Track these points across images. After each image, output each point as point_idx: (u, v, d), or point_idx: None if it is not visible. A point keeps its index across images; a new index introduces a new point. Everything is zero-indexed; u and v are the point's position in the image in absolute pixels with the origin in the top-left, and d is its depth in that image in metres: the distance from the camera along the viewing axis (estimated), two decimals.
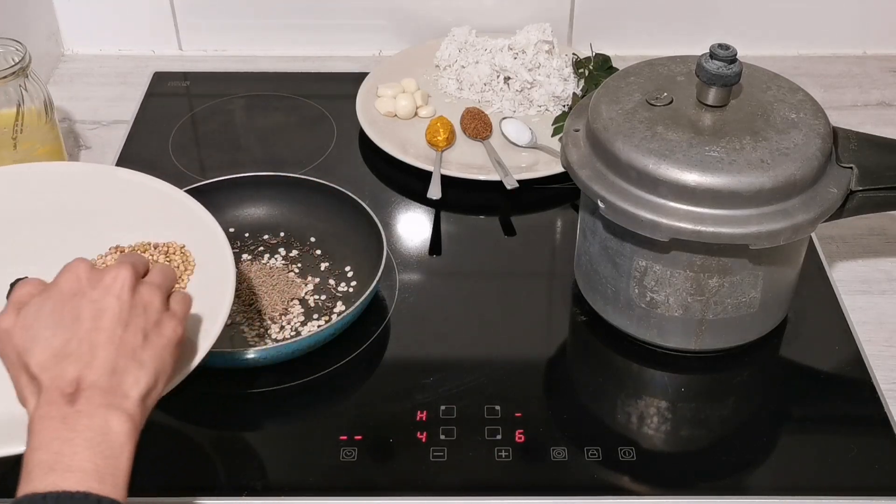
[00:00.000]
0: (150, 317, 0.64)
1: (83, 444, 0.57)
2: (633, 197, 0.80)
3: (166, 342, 0.64)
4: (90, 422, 0.58)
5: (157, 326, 0.64)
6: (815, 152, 0.80)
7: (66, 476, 0.55)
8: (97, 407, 0.58)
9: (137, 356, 0.62)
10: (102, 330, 0.61)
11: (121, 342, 0.61)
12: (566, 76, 1.20)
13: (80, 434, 0.57)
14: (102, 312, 0.62)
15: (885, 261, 1.02)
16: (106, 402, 0.59)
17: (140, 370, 0.61)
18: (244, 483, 0.79)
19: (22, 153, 1.00)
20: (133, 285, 0.64)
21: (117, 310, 0.62)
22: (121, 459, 0.58)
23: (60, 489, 0.54)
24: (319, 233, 1.00)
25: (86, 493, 0.55)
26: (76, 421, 0.58)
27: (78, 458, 0.56)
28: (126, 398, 0.60)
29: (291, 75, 1.30)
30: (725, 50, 0.80)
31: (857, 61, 1.34)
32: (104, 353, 0.60)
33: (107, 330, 0.61)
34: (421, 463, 0.80)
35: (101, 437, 0.57)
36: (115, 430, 0.58)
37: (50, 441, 0.57)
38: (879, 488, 0.79)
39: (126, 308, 0.62)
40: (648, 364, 0.90)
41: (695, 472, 0.80)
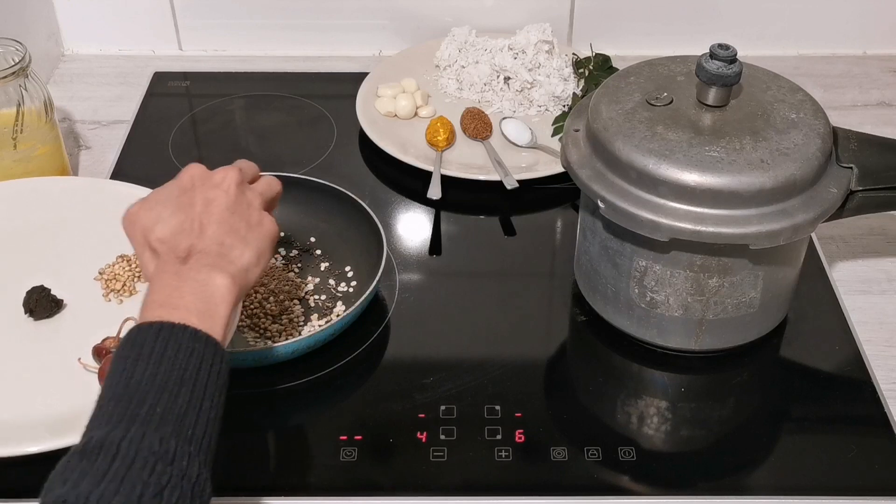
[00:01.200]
0: (252, 212, 0.72)
1: (189, 291, 0.65)
2: (633, 197, 0.80)
3: (266, 232, 0.72)
4: (197, 275, 0.66)
5: (259, 221, 0.73)
6: (815, 152, 0.80)
7: (172, 312, 0.64)
8: (203, 266, 0.67)
9: (242, 235, 0.70)
10: (212, 214, 0.70)
11: (228, 224, 0.70)
12: (566, 76, 1.20)
13: (187, 283, 0.66)
14: (212, 201, 0.71)
15: (885, 261, 1.02)
16: (211, 263, 0.67)
17: (244, 246, 0.70)
18: (244, 483, 0.79)
19: (22, 153, 1.00)
20: (239, 184, 0.73)
21: (224, 200, 0.71)
22: (220, 308, 0.66)
23: (166, 320, 0.63)
24: (319, 233, 1.00)
25: (185, 325, 0.63)
26: (186, 274, 0.66)
27: (184, 300, 0.65)
28: (230, 264, 0.68)
29: (291, 75, 1.30)
30: (725, 50, 0.80)
31: (857, 61, 1.34)
32: (213, 230, 0.69)
33: (216, 214, 0.70)
34: (421, 463, 0.80)
35: (204, 287, 0.66)
36: (217, 284, 0.66)
37: (162, 287, 0.66)
38: (879, 488, 0.79)
39: (232, 200, 0.71)
40: (648, 364, 0.90)
41: (695, 472, 0.80)
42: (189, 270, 0.67)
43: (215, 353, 0.63)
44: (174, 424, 0.59)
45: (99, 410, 0.60)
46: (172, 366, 0.61)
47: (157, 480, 0.56)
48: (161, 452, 0.57)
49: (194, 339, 0.63)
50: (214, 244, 0.69)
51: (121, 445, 0.56)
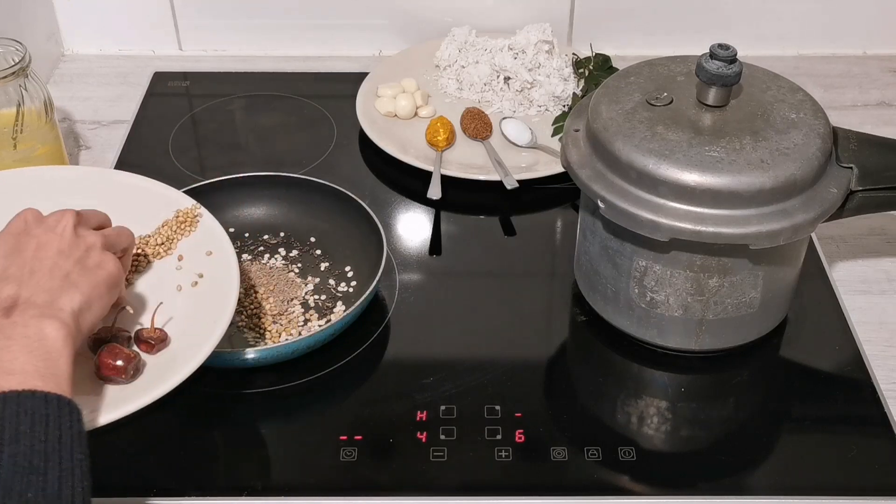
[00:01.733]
0: (91, 254, 0.69)
1: (20, 349, 0.60)
2: (633, 197, 0.80)
3: (104, 275, 0.69)
4: (25, 330, 0.61)
5: (97, 263, 0.69)
6: (815, 152, 0.80)
7: (9, 378, 0.58)
8: (31, 318, 0.62)
9: (72, 279, 0.67)
10: (41, 259, 0.67)
11: (57, 268, 0.67)
12: (566, 76, 1.20)
13: (16, 341, 0.60)
14: (43, 245, 0.68)
15: (885, 261, 1.02)
16: (39, 314, 0.63)
17: (74, 290, 0.66)
18: (244, 483, 0.79)
19: (22, 153, 1.00)
20: (75, 227, 0.70)
21: (56, 243, 0.68)
22: (60, 363, 0.61)
23: (6, 389, 0.57)
24: (319, 233, 1.00)
25: (31, 391, 0.57)
26: (12, 330, 0.61)
27: (18, 362, 0.59)
28: (60, 310, 0.64)
29: (291, 75, 1.30)
30: (725, 50, 0.80)
31: (857, 61, 1.34)
32: (40, 276, 0.66)
33: (45, 259, 0.67)
34: (421, 463, 0.80)
35: (36, 342, 0.61)
36: (50, 336, 0.61)
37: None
38: (879, 488, 0.79)
39: (66, 243, 0.69)
40: (648, 364, 0.90)
41: (695, 472, 0.80)
42: (14, 325, 0.61)
43: (70, 413, 0.58)
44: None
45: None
46: (31, 442, 0.55)
47: None
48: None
49: (45, 404, 0.57)
50: (41, 291, 0.64)
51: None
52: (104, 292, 0.69)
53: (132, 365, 0.73)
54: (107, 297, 0.69)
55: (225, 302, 0.78)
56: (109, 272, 0.70)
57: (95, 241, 0.71)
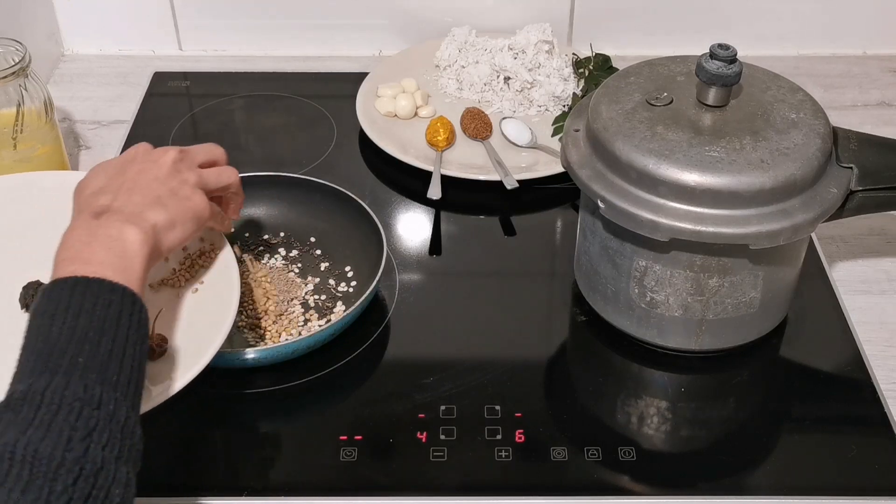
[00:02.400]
0: (183, 187, 0.75)
1: (100, 245, 0.66)
2: (633, 197, 0.80)
3: (191, 206, 0.74)
4: (108, 230, 0.67)
5: (187, 196, 0.75)
6: (815, 152, 0.80)
7: (85, 267, 0.64)
8: (115, 221, 0.68)
9: (162, 201, 0.72)
10: (138, 181, 0.73)
11: (149, 189, 0.72)
12: (566, 76, 1.20)
13: (98, 239, 0.66)
14: (143, 171, 0.74)
15: (885, 261, 1.02)
16: (124, 219, 0.68)
17: (161, 209, 0.71)
18: (244, 483, 0.79)
19: (22, 153, 1.00)
20: (176, 161, 0.76)
21: (155, 171, 0.74)
22: (134, 262, 0.66)
23: (80, 275, 0.63)
24: (319, 233, 1.00)
25: (100, 279, 0.63)
26: (96, 229, 0.67)
27: (96, 255, 0.65)
28: (143, 220, 0.69)
29: (291, 75, 1.30)
30: (725, 50, 0.80)
31: (857, 61, 1.34)
32: (133, 193, 0.71)
33: (141, 181, 0.73)
34: (421, 463, 0.80)
35: (116, 241, 0.66)
36: (129, 239, 0.67)
37: (73, 243, 0.66)
38: (879, 488, 0.79)
39: (163, 173, 0.75)
40: (648, 364, 0.90)
41: (695, 472, 0.80)
42: (99, 227, 0.67)
43: (133, 302, 0.63)
44: (98, 372, 0.59)
45: (20, 366, 0.60)
46: (91, 317, 0.61)
47: (84, 424, 0.56)
48: (87, 398, 0.57)
49: (111, 291, 0.63)
50: (130, 204, 0.70)
51: (45, 394, 0.56)
52: (188, 219, 0.74)
53: None
54: (190, 224, 0.74)
55: (225, 310, 0.78)
56: (196, 205, 0.75)
57: (189, 177, 0.76)
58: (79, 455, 0.54)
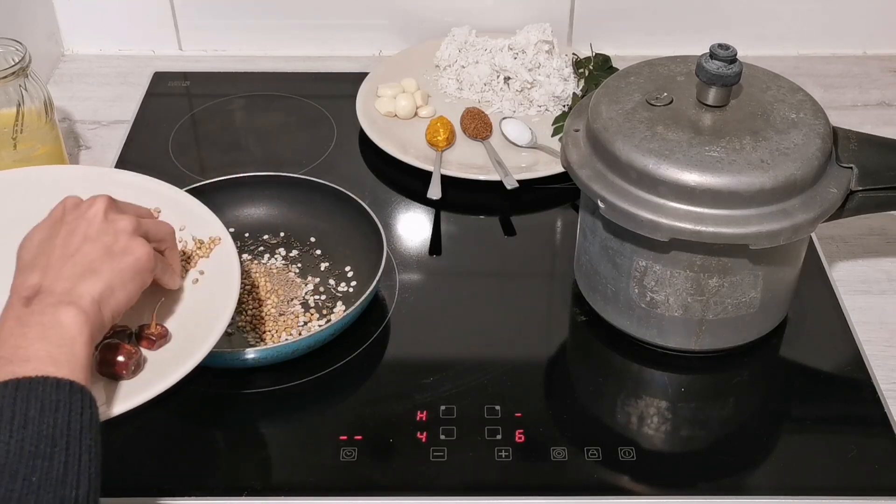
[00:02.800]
0: (118, 239, 0.70)
1: (35, 337, 0.61)
2: (633, 197, 0.80)
3: (131, 261, 0.69)
4: (41, 318, 0.62)
5: (124, 248, 0.69)
6: (815, 152, 0.80)
7: (24, 365, 0.59)
8: (48, 305, 0.63)
9: (94, 266, 0.67)
10: (67, 246, 0.68)
11: (80, 254, 0.67)
12: (566, 76, 1.20)
13: (32, 329, 0.61)
14: (72, 231, 0.69)
15: (885, 261, 1.02)
16: (56, 301, 0.64)
17: (94, 276, 0.66)
18: (244, 483, 0.79)
19: (22, 153, 1.00)
20: (106, 211, 0.71)
21: (84, 229, 0.69)
22: (75, 348, 0.61)
23: (19, 376, 0.58)
24: (319, 233, 1.00)
25: (43, 377, 0.58)
26: (29, 318, 0.62)
27: (32, 349, 0.60)
28: (79, 297, 0.65)
29: (291, 75, 1.30)
30: (725, 50, 0.80)
31: (857, 61, 1.34)
32: (63, 264, 0.67)
33: (71, 245, 0.68)
34: (421, 463, 0.80)
35: (52, 329, 0.62)
36: (65, 323, 0.62)
37: (7, 338, 0.61)
38: (879, 488, 0.79)
39: (94, 229, 0.69)
40: (648, 364, 0.90)
41: (695, 472, 0.80)
42: (32, 314, 0.63)
43: (82, 399, 0.59)
44: (55, 491, 0.55)
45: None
46: (39, 427, 0.56)
47: None
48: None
49: (56, 390, 0.58)
50: (62, 279, 0.65)
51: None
52: (129, 278, 0.69)
53: (133, 361, 0.73)
54: (132, 283, 0.69)
55: (226, 299, 0.78)
56: (137, 257, 0.70)
57: (126, 226, 0.71)
58: None
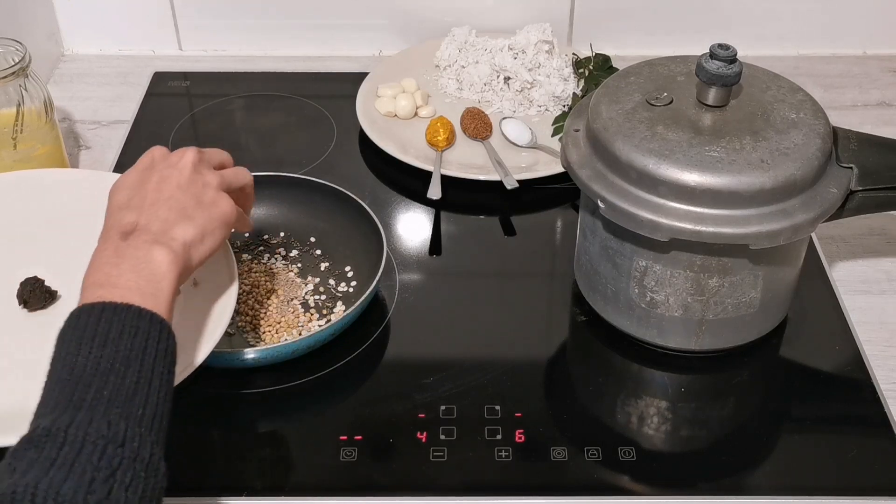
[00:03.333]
0: (207, 191, 0.73)
1: (128, 268, 0.64)
2: (633, 197, 0.80)
3: (218, 213, 0.73)
4: (136, 252, 0.66)
5: (212, 200, 0.73)
6: (815, 152, 0.80)
7: (112, 291, 0.63)
8: (143, 242, 0.67)
9: (188, 213, 0.70)
10: (162, 191, 0.71)
11: (174, 200, 0.70)
12: (566, 76, 1.20)
13: (126, 261, 0.65)
14: (165, 179, 0.72)
15: (885, 261, 1.02)
16: (152, 239, 0.67)
17: (188, 223, 0.70)
18: (244, 483, 0.79)
19: (22, 153, 1.00)
20: (195, 163, 0.74)
21: (177, 178, 0.72)
22: (162, 284, 0.65)
23: (106, 300, 0.62)
24: (319, 233, 1.00)
25: (128, 305, 0.62)
26: (124, 252, 0.66)
27: (123, 278, 0.64)
28: (172, 239, 0.68)
29: (291, 75, 1.30)
30: (725, 50, 0.80)
31: (857, 61, 1.34)
32: (158, 206, 0.70)
33: (165, 191, 0.71)
34: (421, 463, 0.80)
35: (144, 264, 0.65)
36: (156, 260, 0.65)
37: (101, 266, 0.65)
38: (879, 488, 0.79)
39: (185, 179, 0.72)
40: (648, 364, 0.90)
41: (695, 472, 0.80)
42: (128, 248, 0.66)
43: (161, 330, 0.62)
44: (122, 406, 0.57)
45: (45, 398, 0.58)
46: (117, 347, 0.59)
47: (107, 464, 0.54)
48: (110, 436, 0.55)
49: (138, 317, 0.61)
50: (157, 221, 0.69)
51: (68, 432, 0.55)
52: (217, 227, 0.72)
53: None
54: (219, 232, 0.72)
55: (225, 301, 0.78)
56: (223, 210, 0.73)
57: (212, 180, 0.74)
58: (101, 497, 0.53)
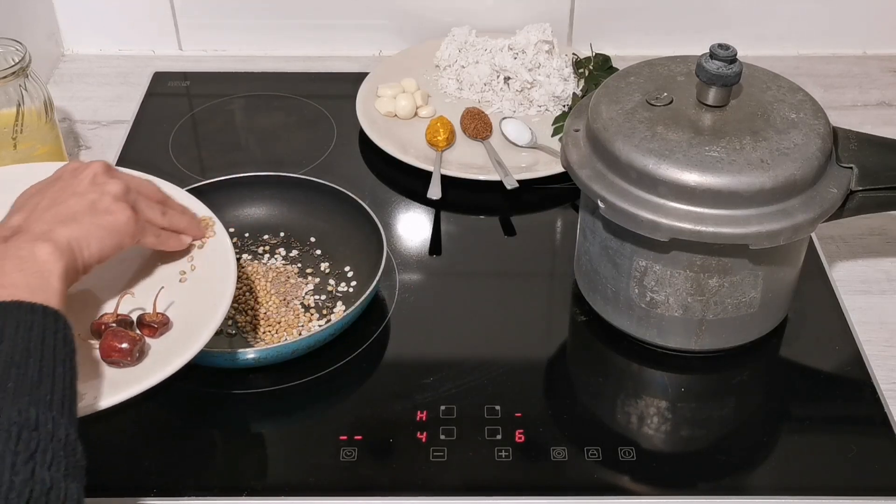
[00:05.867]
0: (103, 199, 0.73)
1: (12, 268, 0.64)
2: (633, 197, 0.80)
3: (111, 221, 0.72)
4: (17, 252, 0.66)
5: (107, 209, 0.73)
6: (815, 152, 0.80)
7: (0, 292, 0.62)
8: (25, 241, 0.67)
9: (76, 217, 0.70)
10: (55, 199, 0.71)
11: (65, 206, 0.71)
12: (566, 76, 1.20)
13: (9, 261, 0.64)
14: (63, 188, 0.73)
15: (885, 261, 1.02)
16: (33, 238, 0.67)
17: (73, 224, 0.70)
18: (244, 483, 0.79)
19: (22, 153, 1.00)
20: (100, 174, 0.74)
21: (74, 186, 0.73)
22: (50, 279, 0.64)
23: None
24: (319, 233, 1.00)
25: (18, 302, 0.61)
26: (5, 252, 0.65)
27: (8, 279, 0.63)
28: (55, 236, 0.68)
29: (291, 75, 1.30)
30: (725, 50, 0.80)
31: (857, 61, 1.34)
32: (47, 211, 0.70)
33: (59, 199, 0.71)
34: (421, 463, 0.80)
35: (27, 261, 0.65)
36: (40, 257, 0.65)
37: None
38: (879, 488, 0.79)
39: (83, 186, 0.73)
40: (648, 364, 0.90)
41: (695, 472, 0.80)
42: (9, 249, 0.66)
43: (56, 320, 0.62)
44: (29, 394, 0.57)
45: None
46: (14, 342, 0.59)
47: (25, 446, 0.54)
48: (22, 421, 0.55)
49: (31, 312, 0.61)
50: (41, 223, 0.69)
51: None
52: (105, 234, 0.72)
53: (137, 347, 0.74)
54: (108, 239, 0.72)
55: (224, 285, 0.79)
56: (116, 219, 0.73)
57: (113, 189, 0.74)
58: (26, 477, 0.53)
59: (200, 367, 0.84)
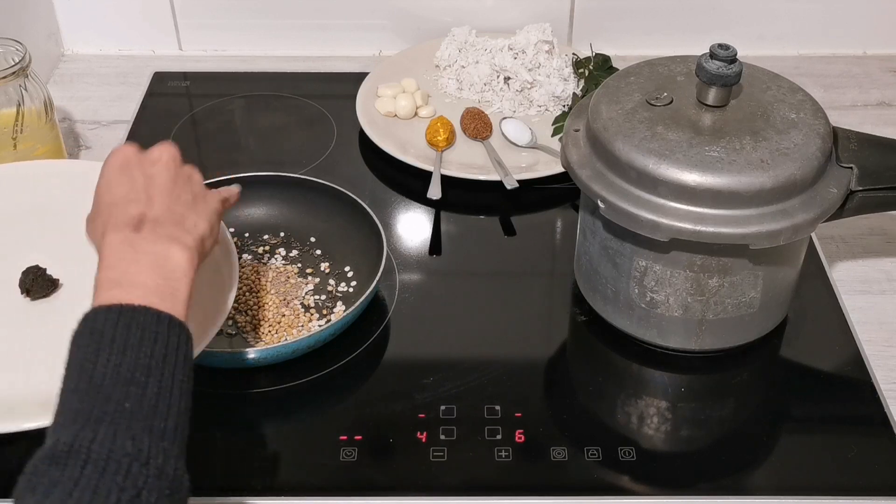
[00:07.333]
0: (195, 186, 0.70)
1: (147, 265, 0.62)
2: (633, 197, 0.80)
3: (213, 207, 0.71)
4: (153, 247, 0.63)
5: (203, 194, 0.71)
6: (815, 152, 0.80)
7: (130, 290, 0.60)
8: (159, 237, 0.64)
9: (192, 207, 0.68)
10: (157, 186, 0.67)
11: (175, 196, 0.67)
12: (566, 76, 1.20)
13: (144, 257, 0.62)
14: (154, 176, 0.68)
15: (885, 261, 1.02)
16: (167, 234, 0.64)
17: (197, 217, 0.68)
18: (244, 483, 0.79)
19: (22, 153, 1.00)
20: (175, 159, 0.70)
21: (166, 174, 0.68)
22: (180, 284, 0.62)
23: (124, 302, 0.59)
24: (319, 233, 1.00)
25: (146, 307, 0.59)
26: (141, 246, 0.63)
27: (142, 276, 0.61)
28: (187, 234, 0.65)
29: (291, 75, 1.30)
30: (725, 50, 0.80)
31: (857, 61, 1.34)
32: (161, 199, 0.66)
33: (160, 186, 0.67)
34: (421, 463, 0.80)
35: (163, 261, 0.62)
36: (175, 259, 0.63)
37: (117, 261, 0.62)
38: (879, 488, 0.79)
39: (173, 174, 0.69)
40: (648, 364, 0.90)
41: (695, 472, 0.80)
42: (144, 241, 0.63)
43: (180, 335, 0.60)
44: (145, 420, 0.56)
45: (63, 406, 0.56)
46: (138, 354, 0.57)
47: (132, 483, 0.53)
48: (134, 453, 0.54)
49: (157, 322, 0.59)
50: (166, 212, 0.66)
51: (91, 449, 0.53)
52: (215, 221, 0.71)
53: None
54: (217, 225, 0.71)
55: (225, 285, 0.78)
56: (214, 203, 0.72)
57: (194, 174, 0.72)
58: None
59: (200, 368, 0.84)
